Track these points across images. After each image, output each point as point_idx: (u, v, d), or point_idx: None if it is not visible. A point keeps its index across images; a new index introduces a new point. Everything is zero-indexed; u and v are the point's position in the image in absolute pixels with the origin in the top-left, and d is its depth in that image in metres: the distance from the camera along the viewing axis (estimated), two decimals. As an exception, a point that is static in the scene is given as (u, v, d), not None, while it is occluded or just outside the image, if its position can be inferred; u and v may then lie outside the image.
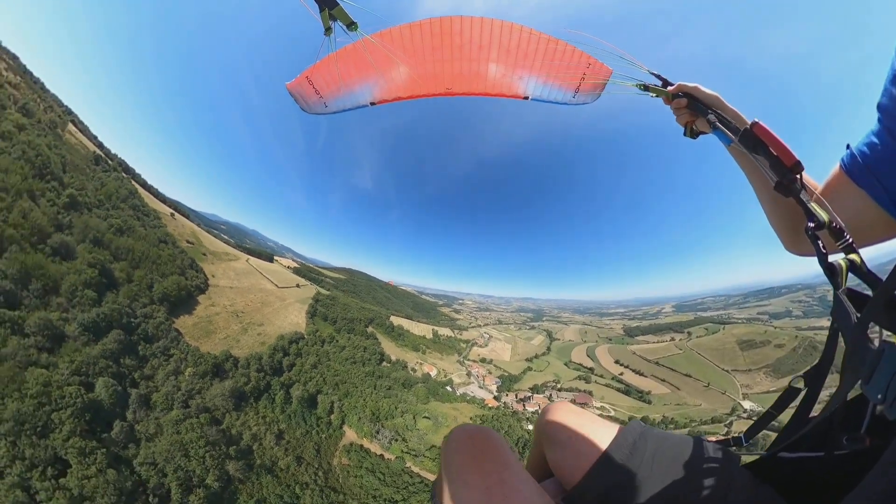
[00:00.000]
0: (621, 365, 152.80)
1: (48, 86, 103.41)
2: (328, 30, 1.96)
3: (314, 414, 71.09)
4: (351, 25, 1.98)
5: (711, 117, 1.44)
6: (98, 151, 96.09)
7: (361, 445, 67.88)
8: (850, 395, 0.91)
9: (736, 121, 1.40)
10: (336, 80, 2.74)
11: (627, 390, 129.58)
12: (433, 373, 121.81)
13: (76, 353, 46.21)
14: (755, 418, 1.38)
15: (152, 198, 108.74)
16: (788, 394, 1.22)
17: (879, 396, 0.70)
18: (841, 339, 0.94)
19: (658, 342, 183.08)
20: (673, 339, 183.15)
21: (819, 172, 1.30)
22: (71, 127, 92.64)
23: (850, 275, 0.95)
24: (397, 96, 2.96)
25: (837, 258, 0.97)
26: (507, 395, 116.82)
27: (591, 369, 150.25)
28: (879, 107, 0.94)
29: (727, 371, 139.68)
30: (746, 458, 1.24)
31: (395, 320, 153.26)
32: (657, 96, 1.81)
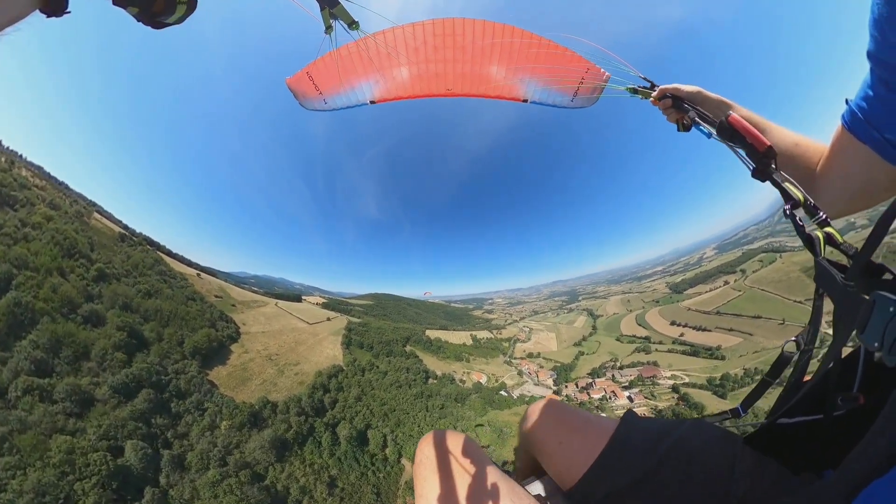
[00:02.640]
0: (679, 325, 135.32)
1: (72, 185, 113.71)
2: (329, 28, 1.92)
3: (367, 452, 62.04)
4: (352, 24, 1.93)
5: (692, 114, 1.46)
6: (123, 231, 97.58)
7: (425, 478, 58.39)
8: (843, 355, 0.91)
9: (717, 110, 1.41)
10: (337, 78, 2.64)
11: (695, 351, 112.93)
12: (483, 380, 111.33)
13: (104, 417, 43.04)
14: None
15: (178, 263, 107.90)
16: (781, 360, 1.18)
17: (876, 344, 0.70)
18: (828, 302, 0.94)
19: (711, 290, 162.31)
20: (727, 283, 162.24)
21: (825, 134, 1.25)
22: (96, 215, 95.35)
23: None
24: (397, 95, 2.85)
25: (814, 231, 0.98)
26: (566, 386, 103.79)
27: (646, 338, 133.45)
28: (868, 55, 0.87)
29: (800, 302, 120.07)
30: (747, 430, 1.19)
31: (432, 333, 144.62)
32: (645, 98, 1.84)
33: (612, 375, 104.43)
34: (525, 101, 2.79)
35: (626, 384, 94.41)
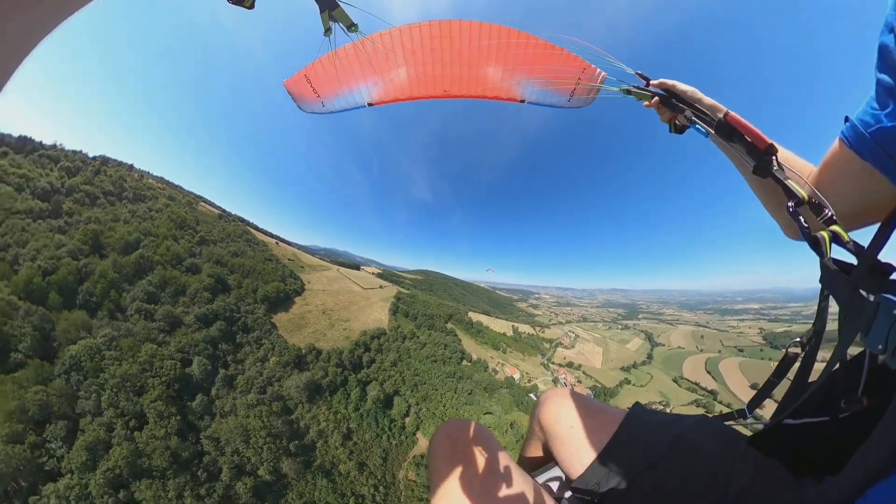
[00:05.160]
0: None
1: (185, 186, 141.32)
2: (328, 30, 1.87)
3: (388, 416, 62.07)
4: (351, 27, 1.87)
5: (687, 113, 1.35)
6: (221, 212, 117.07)
7: (434, 460, 55.68)
8: (848, 357, 0.86)
9: (713, 113, 1.30)
10: (334, 80, 2.55)
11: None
12: (516, 375, 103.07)
13: (184, 336, 52.01)
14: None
15: (262, 234, 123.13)
16: (786, 361, 1.11)
17: (880, 347, 0.66)
18: (833, 304, 0.88)
19: (824, 361, 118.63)
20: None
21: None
22: (201, 203, 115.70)
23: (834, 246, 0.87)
24: (395, 97, 2.76)
25: (820, 232, 0.89)
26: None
27: (712, 392, 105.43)
28: (879, 65, 0.76)
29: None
30: (751, 430, 1.14)
31: (474, 316, 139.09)
32: (640, 99, 1.66)
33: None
34: (522, 101, 2.66)
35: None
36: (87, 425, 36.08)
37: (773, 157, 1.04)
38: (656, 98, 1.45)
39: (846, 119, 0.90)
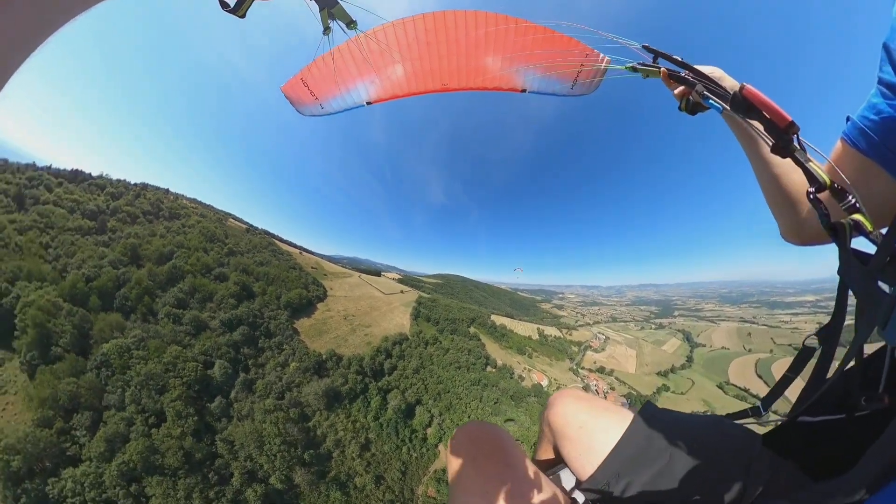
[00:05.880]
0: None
1: (215, 205, 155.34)
2: (327, 29, 1.84)
3: (409, 426, 58.42)
4: (350, 24, 1.85)
5: (699, 87, 1.23)
6: (248, 227, 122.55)
7: (455, 476, 50.98)
8: (867, 353, 0.82)
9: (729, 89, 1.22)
10: (331, 81, 2.49)
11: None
12: (544, 383, 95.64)
13: (208, 340, 52.67)
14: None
15: (286, 245, 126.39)
16: (804, 354, 1.02)
17: None
18: (852, 296, 0.84)
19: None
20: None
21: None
22: (230, 220, 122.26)
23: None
24: (394, 94, 2.69)
25: (840, 219, 0.81)
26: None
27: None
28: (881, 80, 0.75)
29: None
30: (768, 427, 1.10)
31: (497, 319, 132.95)
32: (647, 77, 1.50)
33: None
34: (523, 91, 2.54)
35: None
36: (110, 418, 36.89)
37: (795, 136, 0.91)
38: (664, 70, 1.33)
39: (847, 119, 0.87)
